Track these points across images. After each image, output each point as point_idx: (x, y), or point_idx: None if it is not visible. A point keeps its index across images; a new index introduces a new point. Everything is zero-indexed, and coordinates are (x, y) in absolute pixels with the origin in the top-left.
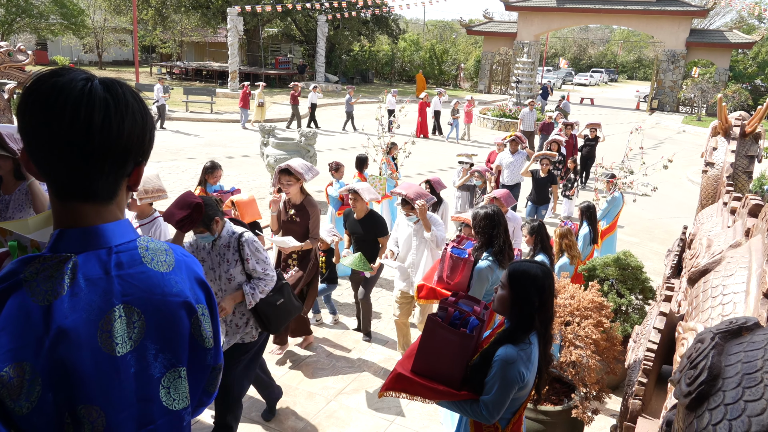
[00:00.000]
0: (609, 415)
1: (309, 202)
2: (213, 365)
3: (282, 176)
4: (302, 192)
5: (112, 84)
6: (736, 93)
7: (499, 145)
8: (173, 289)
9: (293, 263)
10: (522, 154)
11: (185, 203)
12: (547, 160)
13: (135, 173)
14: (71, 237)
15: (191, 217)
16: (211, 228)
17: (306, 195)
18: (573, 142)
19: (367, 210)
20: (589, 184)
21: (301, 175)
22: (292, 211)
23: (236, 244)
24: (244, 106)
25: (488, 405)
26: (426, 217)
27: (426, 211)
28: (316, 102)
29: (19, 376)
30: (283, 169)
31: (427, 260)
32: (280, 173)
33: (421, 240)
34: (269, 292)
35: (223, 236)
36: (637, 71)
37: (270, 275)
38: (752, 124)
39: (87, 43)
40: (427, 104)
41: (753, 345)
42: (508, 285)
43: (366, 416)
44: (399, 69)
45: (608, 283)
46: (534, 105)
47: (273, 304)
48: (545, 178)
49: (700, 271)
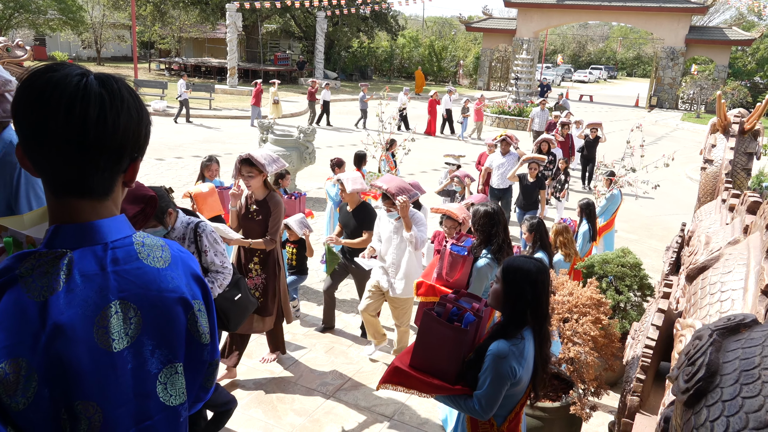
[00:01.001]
0: (607, 411)
1: (272, 199)
2: (210, 361)
3: (243, 167)
4: (266, 186)
5: (107, 79)
6: (735, 90)
7: (489, 145)
8: (169, 285)
9: (255, 267)
10: (513, 156)
11: (137, 197)
12: (536, 164)
13: (131, 169)
14: (67, 233)
15: (145, 213)
16: (164, 221)
17: (270, 190)
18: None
19: (359, 201)
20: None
21: (263, 166)
22: (253, 207)
23: (192, 235)
24: (256, 104)
25: (481, 400)
26: (407, 215)
27: (408, 208)
28: (328, 99)
29: (15, 372)
30: (244, 159)
31: (409, 260)
32: (241, 163)
33: (402, 238)
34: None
35: (177, 228)
36: (637, 68)
37: (228, 268)
38: (751, 121)
39: (85, 38)
40: (437, 102)
41: (751, 342)
42: (502, 279)
43: (364, 412)
44: (398, 66)
45: (607, 280)
46: (546, 104)
47: (231, 299)
48: (534, 183)
49: (699, 268)
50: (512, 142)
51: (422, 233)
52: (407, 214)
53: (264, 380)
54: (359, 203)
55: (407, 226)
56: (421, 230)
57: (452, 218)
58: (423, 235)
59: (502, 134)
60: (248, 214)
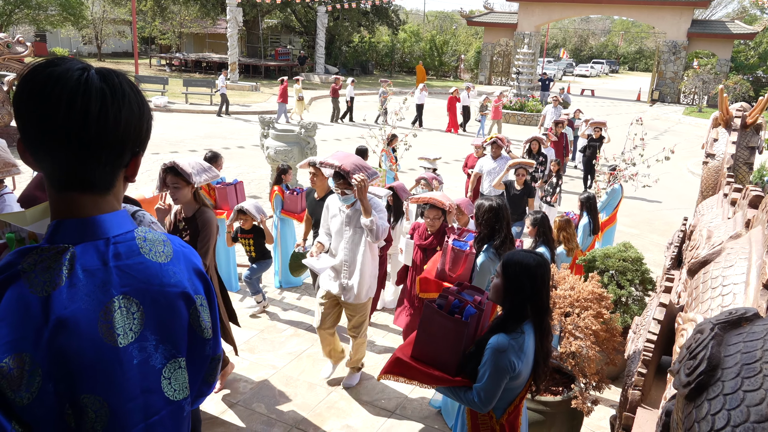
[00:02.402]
0: (608, 405)
1: (202, 216)
2: (212, 356)
3: (168, 176)
4: (196, 200)
5: (108, 74)
6: (738, 84)
7: (477, 147)
8: (171, 279)
9: None
10: (505, 160)
11: None
12: (524, 170)
13: (132, 164)
14: (69, 228)
15: None
16: None
17: (200, 205)
18: (563, 142)
19: (328, 189)
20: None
21: (189, 176)
22: (182, 224)
23: None
24: (282, 101)
25: (480, 392)
26: (366, 198)
27: (366, 189)
28: (353, 95)
29: (19, 367)
30: (168, 167)
31: (364, 256)
32: (165, 173)
33: (357, 229)
34: None
35: None
36: (638, 62)
37: None
38: (753, 115)
39: (86, 34)
40: (457, 99)
41: (752, 335)
42: (502, 273)
43: (366, 407)
44: (399, 60)
45: (608, 275)
46: (559, 101)
47: None
48: (521, 191)
49: (700, 262)
50: (503, 145)
51: (382, 221)
52: (365, 196)
53: (266, 375)
54: (329, 191)
55: (365, 210)
56: (381, 217)
57: (436, 206)
58: (383, 224)
59: (492, 136)
60: (176, 232)
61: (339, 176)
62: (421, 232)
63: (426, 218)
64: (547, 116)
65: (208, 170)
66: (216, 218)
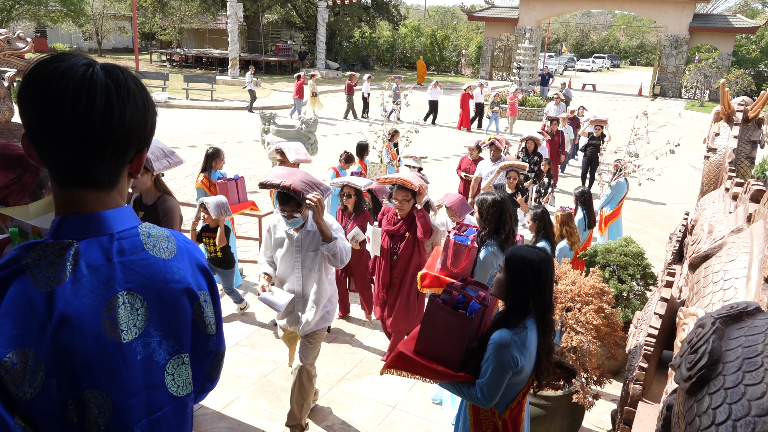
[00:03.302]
0: (610, 400)
1: (163, 204)
2: (215, 351)
3: None
4: (157, 187)
5: (113, 69)
6: (740, 78)
7: (471, 150)
8: (175, 275)
9: None
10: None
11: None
12: (515, 173)
13: (137, 160)
14: (73, 223)
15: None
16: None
17: (162, 193)
18: (559, 140)
19: None
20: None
21: (149, 162)
22: (140, 214)
23: None
24: (299, 96)
25: (483, 388)
26: (323, 219)
27: (323, 210)
28: (370, 91)
29: (23, 362)
30: None
31: (320, 284)
32: None
33: (310, 254)
34: None
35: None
36: (640, 57)
37: None
38: (755, 109)
39: (86, 30)
40: (470, 96)
41: (754, 330)
42: (505, 268)
43: (368, 402)
44: (400, 55)
45: (610, 269)
46: (561, 99)
47: None
48: (512, 195)
49: (702, 257)
50: (501, 147)
51: (343, 241)
52: (322, 218)
53: (268, 370)
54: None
55: (324, 234)
56: (340, 237)
57: (405, 187)
58: (345, 244)
59: (490, 137)
60: None
61: (286, 198)
62: (390, 217)
63: (394, 200)
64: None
65: (170, 155)
66: (179, 207)
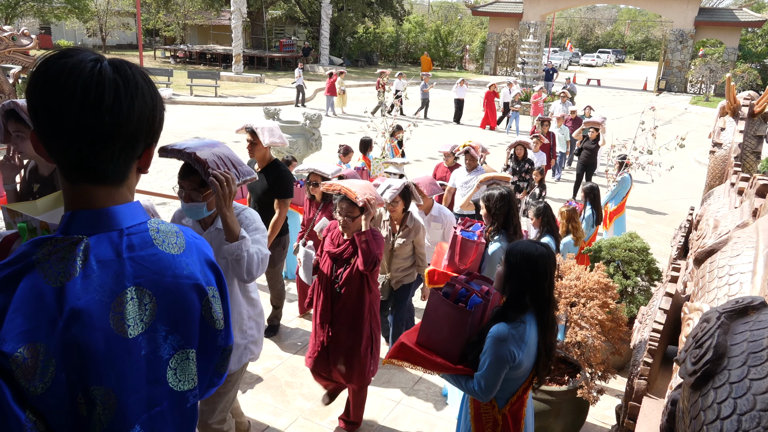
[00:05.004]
0: (614, 395)
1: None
2: (224, 346)
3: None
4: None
5: (121, 65)
6: (745, 73)
7: (446, 156)
8: (184, 271)
9: None
10: (481, 172)
11: None
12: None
13: (145, 155)
14: (82, 219)
15: None
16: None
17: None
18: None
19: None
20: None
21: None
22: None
23: None
24: (331, 94)
25: (480, 381)
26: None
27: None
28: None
29: (33, 357)
30: (8, 111)
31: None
32: (6, 118)
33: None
34: None
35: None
36: (645, 51)
37: None
38: (761, 104)
39: (90, 26)
40: (495, 95)
41: (759, 324)
42: (505, 262)
43: (372, 396)
44: (404, 51)
45: (614, 265)
46: (567, 97)
47: None
48: None
49: (707, 252)
50: (477, 155)
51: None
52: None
53: (272, 365)
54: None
55: (229, 229)
56: (258, 239)
57: (348, 199)
58: (262, 249)
59: (465, 144)
60: (29, 195)
61: (187, 170)
62: (335, 236)
63: (337, 215)
64: (555, 113)
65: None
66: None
